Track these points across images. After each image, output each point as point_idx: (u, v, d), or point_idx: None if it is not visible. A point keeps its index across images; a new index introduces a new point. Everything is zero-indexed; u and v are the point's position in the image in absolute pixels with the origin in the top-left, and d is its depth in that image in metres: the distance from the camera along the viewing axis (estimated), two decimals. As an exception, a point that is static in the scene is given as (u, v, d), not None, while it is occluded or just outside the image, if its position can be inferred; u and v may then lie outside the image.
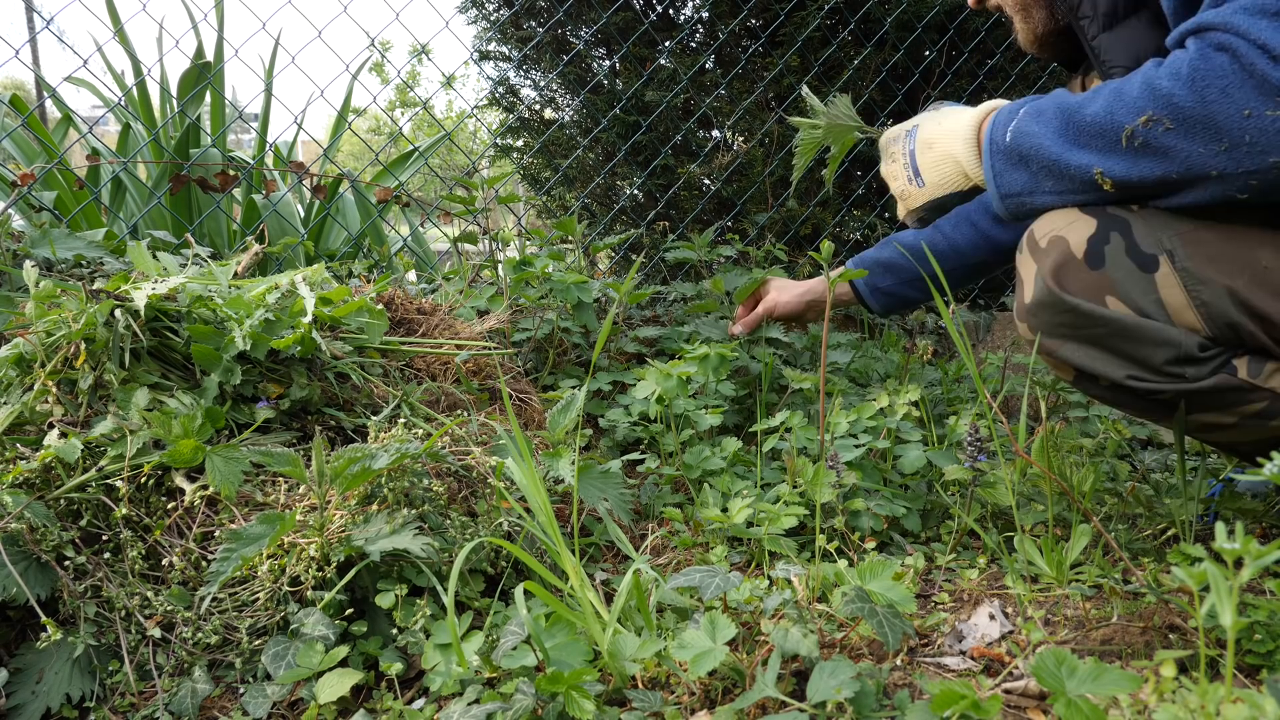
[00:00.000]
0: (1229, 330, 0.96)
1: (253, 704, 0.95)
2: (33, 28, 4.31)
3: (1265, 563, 0.59)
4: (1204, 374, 0.97)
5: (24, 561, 0.99)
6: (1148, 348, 0.98)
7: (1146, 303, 0.97)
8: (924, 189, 1.16)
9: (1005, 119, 1.06)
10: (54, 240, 1.62)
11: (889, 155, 1.22)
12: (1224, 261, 0.95)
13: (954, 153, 1.13)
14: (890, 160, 1.21)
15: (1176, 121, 0.89)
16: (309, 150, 8.37)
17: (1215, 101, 0.86)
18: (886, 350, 2.13)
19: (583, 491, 1.27)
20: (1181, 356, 0.97)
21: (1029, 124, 1.02)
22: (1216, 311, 0.95)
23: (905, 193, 1.19)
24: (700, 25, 2.98)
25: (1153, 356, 0.98)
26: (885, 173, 1.23)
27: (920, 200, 1.17)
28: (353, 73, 2.66)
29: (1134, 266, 0.98)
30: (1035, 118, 1.02)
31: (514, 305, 1.95)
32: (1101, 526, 1.04)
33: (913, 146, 1.17)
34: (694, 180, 2.87)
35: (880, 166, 1.26)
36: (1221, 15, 0.87)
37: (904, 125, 1.22)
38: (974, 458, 1.22)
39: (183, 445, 1.08)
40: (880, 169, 1.26)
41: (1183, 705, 0.70)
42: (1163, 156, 0.91)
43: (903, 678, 0.94)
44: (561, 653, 0.91)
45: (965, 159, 1.12)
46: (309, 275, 1.46)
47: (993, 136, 1.06)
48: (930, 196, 1.16)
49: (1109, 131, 0.94)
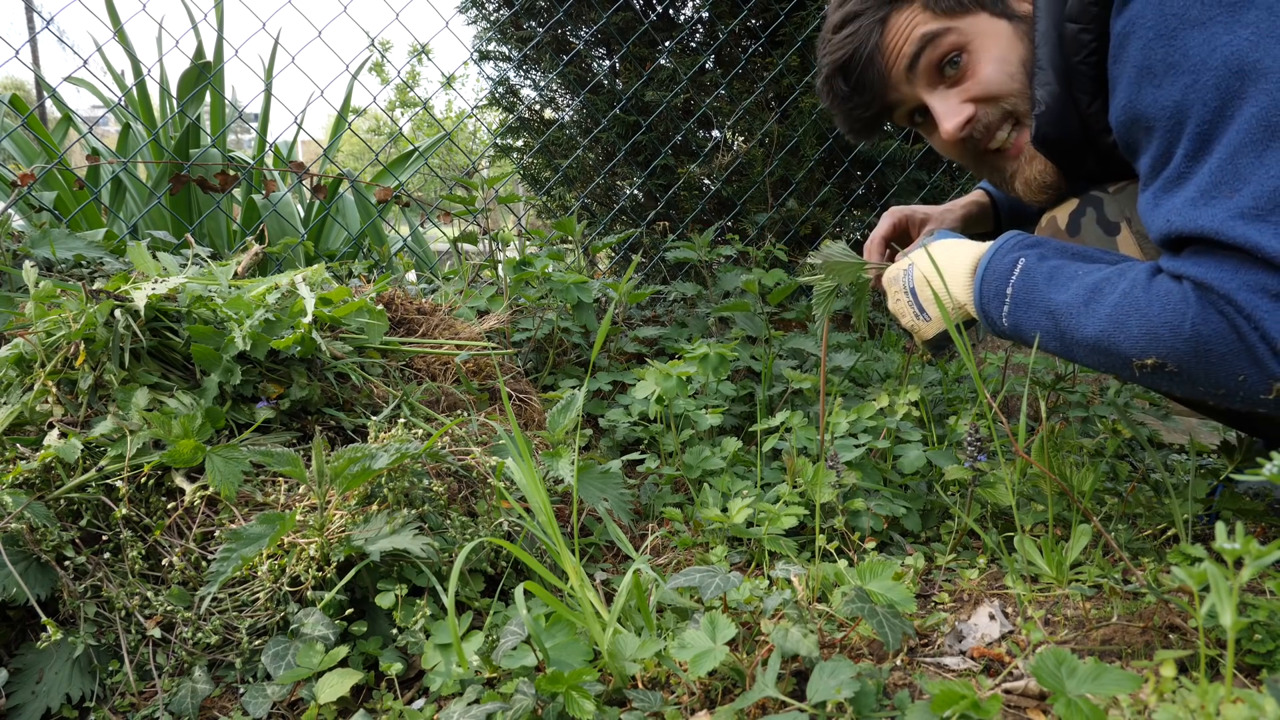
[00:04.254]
0: None
1: (253, 704, 0.95)
2: (33, 28, 4.31)
3: (1265, 563, 0.59)
4: None
5: (24, 561, 0.99)
6: None
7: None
8: (931, 323, 1.18)
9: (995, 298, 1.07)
10: (54, 240, 1.62)
11: (892, 294, 1.24)
12: None
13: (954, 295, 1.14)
14: (894, 299, 1.23)
15: (1180, 368, 0.91)
16: (309, 150, 8.37)
17: (1216, 365, 0.88)
18: (886, 350, 2.13)
19: (583, 491, 1.27)
20: None
21: (1023, 321, 1.04)
22: None
23: (915, 327, 1.21)
24: (700, 25, 2.98)
25: None
26: (892, 309, 1.25)
27: (931, 333, 1.19)
28: (353, 73, 2.66)
29: (1101, 232, 1.14)
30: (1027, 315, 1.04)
31: (514, 305, 1.95)
32: (1101, 526, 1.04)
33: (911, 285, 1.19)
34: (694, 180, 2.87)
35: (887, 302, 1.28)
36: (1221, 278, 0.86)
37: (900, 264, 1.23)
38: (974, 458, 1.22)
39: (183, 445, 1.08)
40: (887, 304, 1.29)
41: (1183, 705, 0.70)
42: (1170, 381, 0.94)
43: (903, 678, 0.94)
44: (561, 653, 0.91)
45: (967, 303, 1.13)
46: (309, 275, 1.46)
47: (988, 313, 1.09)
48: (937, 330, 1.18)
49: (1113, 356, 0.96)
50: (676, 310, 2.37)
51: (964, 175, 2.87)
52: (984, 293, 1.09)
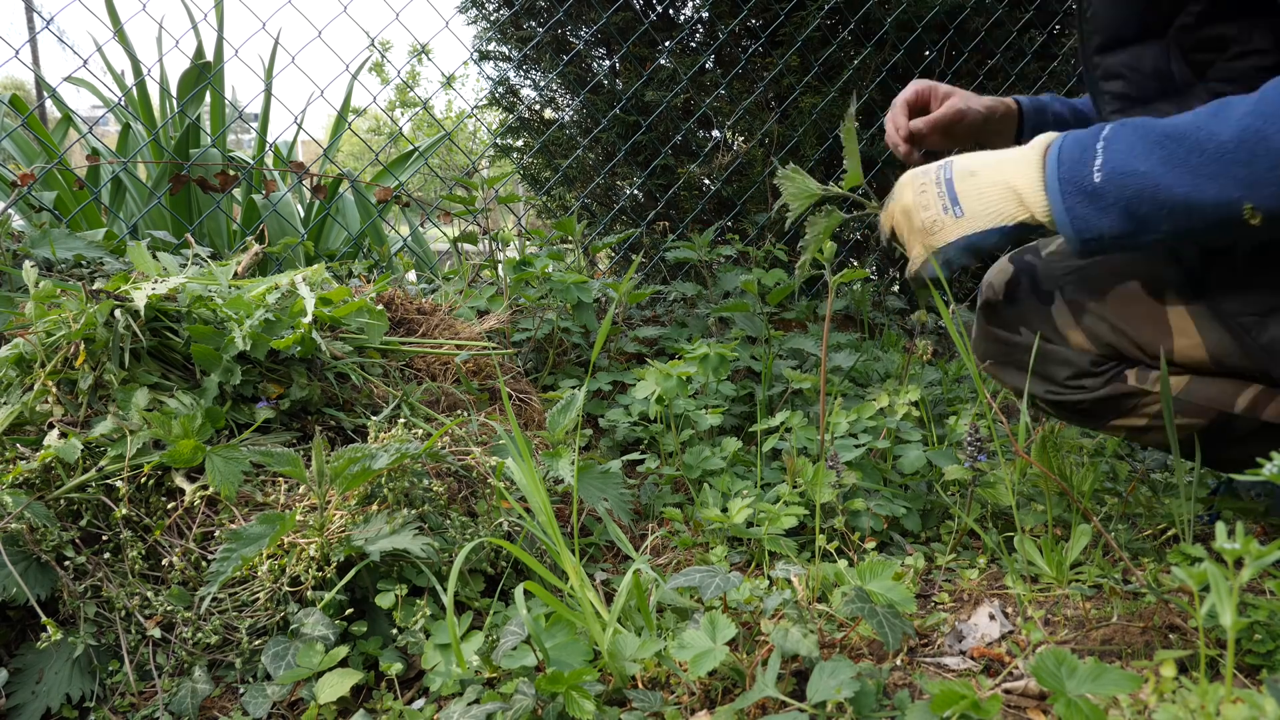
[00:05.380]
0: (1110, 348, 1.10)
1: (253, 704, 0.95)
2: (33, 28, 4.31)
3: (1265, 563, 0.59)
4: (1100, 385, 1.12)
5: (24, 561, 0.99)
6: (1054, 366, 1.13)
7: (1048, 330, 1.12)
8: (961, 220, 0.98)
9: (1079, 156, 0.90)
10: (54, 240, 1.62)
11: (915, 187, 1.04)
12: (1098, 293, 1.09)
13: (1008, 179, 0.95)
14: (918, 191, 1.03)
15: None
16: (309, 150, 8.37)
17: None
18: (886, 350, 2.13)
19: (583, 491, 1.27)
20: (1079, 372, 1.12)
21: (1127, 162, 0.87)
22: (1097, 333, 1.09)
23: (935, 224, 1.00)
24: (700, 25, 2.98)
25: (1058, 374, 1.13)
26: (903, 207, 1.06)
27: (954, 234, 0.99)
28: (353, 73, 2.66)
29: (1037, 302, 1.13)
30: (1132, 152, 0.87)
31: (514, 305, 1.95)
32: (1101, 526, 1.04)
33: (949, 175, 1.00)
34: (694, 180, 2.87)
35: (888, 205, 1.09)
36: None
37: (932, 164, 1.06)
38: (974, 458, 1.22)
39: (183, 445, 1.08)
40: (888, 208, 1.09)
41: (1183, 705, 0.70)
42: None
43: (903, 678, 0.94)
44: (561, 653, 0.91)
45: (1025, 186, 0.94)
46: (309, 275, 1.46)
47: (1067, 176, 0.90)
48: (968, 229, 0.98)
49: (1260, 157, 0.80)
50: (676, 310, 2.37)
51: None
52: (1064, 157, 0.91)
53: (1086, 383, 1.12)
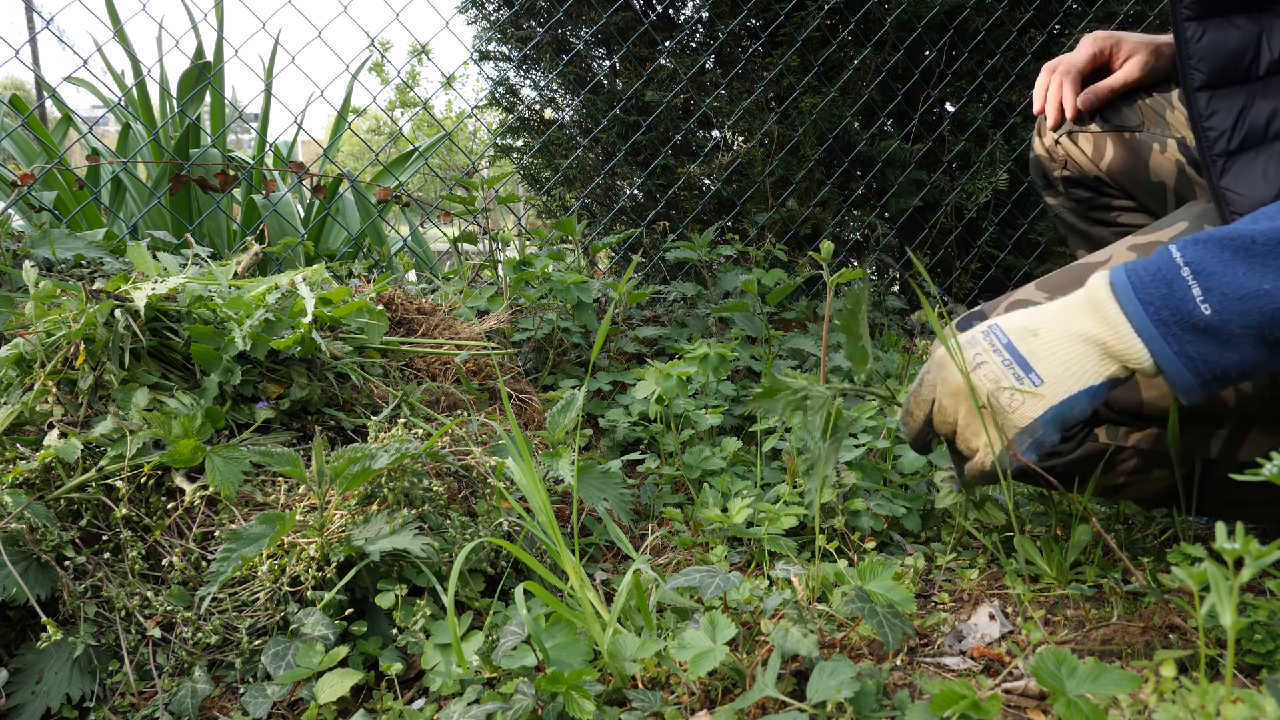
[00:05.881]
0: None
1: (253, 704, 0.95)
2: (33, 28, 4.31)
3: (1265, 563, 0.60)
4: (1072, 448, 1.00)
5: (24, 561, 0.99)
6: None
7: None
8: (1042, 388, 0.83)
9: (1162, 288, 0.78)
10: (54, 240, 1.62)
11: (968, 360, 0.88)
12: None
13: (1082, 330, 0.83)
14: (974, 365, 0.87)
15: None
16: (309, 150, 8.37)
17: None
18: (886, 350, 2.13)
19: (583, 491, 1.27)
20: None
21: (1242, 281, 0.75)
22: None
23: (1012, 404, 0.85)
24: (700, 25, 2.98)
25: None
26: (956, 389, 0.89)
27: (1041, 408, 0.84)
28: (353, 73, 2.66)
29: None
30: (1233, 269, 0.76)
31: (514, 305, 1.95)
32: (1101, 527, 1.04)
33: (1006, 340, 0.86)
34: (694, 180, 2.87)
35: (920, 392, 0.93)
36: None
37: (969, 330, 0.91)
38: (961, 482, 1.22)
39: (183, 445, 1.08)
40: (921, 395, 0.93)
41: (1183, 705, 0.70)
42: None
43: (903, 678, 0.94)
44: (561, 653, 0.91)
45: (1108, 336, 0.81)
46: (309, 275, 1.46)
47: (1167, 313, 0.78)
48: (1057, 399, 0.83)
49: None
50: (676, 310, 2.37)
51: (963, 175, 2.88)
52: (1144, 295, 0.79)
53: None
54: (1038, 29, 2.84)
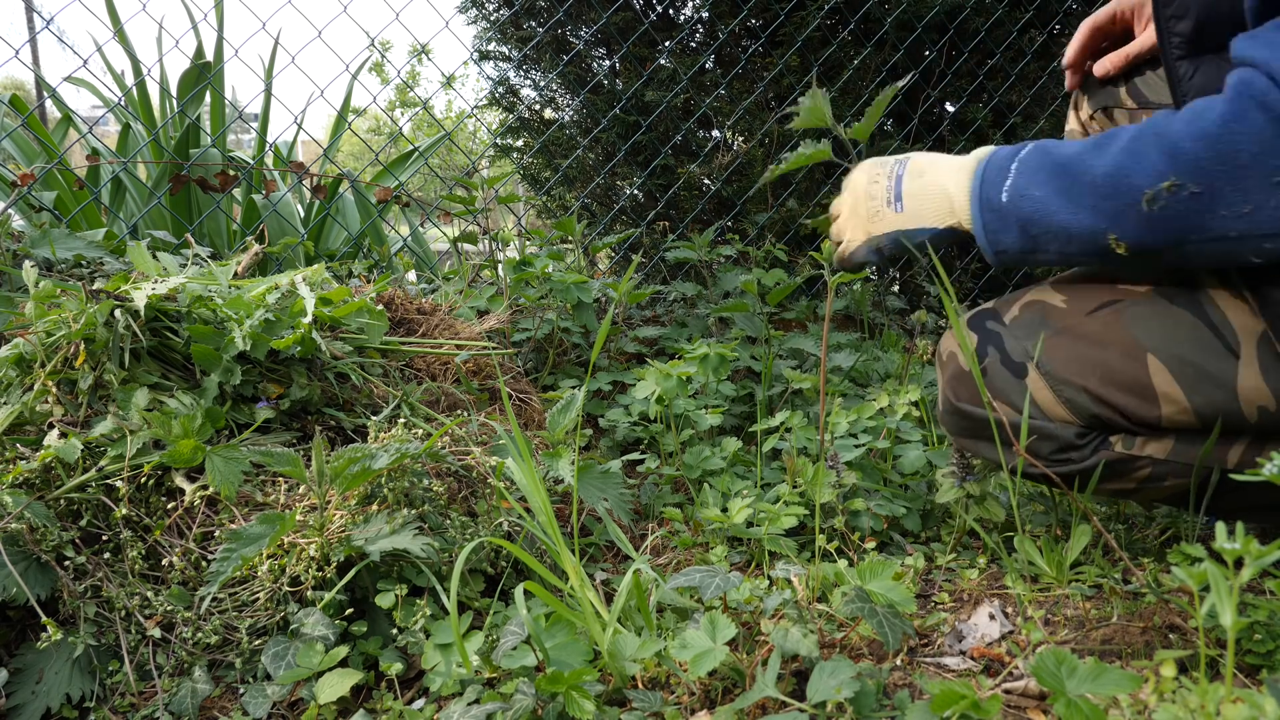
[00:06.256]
0: (1095, 419, 1.03)
1: (253, 704, 0.95)
2: (33, 28, 4.31)
3: (1265, 563, 0.60)
4: (1086, 456, 1.05)
5: (24, 561, 0.99)
6: (1035, 442, 1.06)
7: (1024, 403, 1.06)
8: (899, 215, 1.07)
9: (997, 174, 0.99)
10: (54, 240, 1.62)
11: (870, 176, 1.12)
12: (1076, 364, 1.03)
13: (945, 185, 1.04)
14: (870, 181, 1.11)
15: (1203, 186, 0.83)
16: (309, 150, 8.37)
17: (1247, 166, 0.81)
18: (886, 350, 2.13)
19: (583, 491, 1.27)
20: (1063, 446, 1.06)
21: (1027, 186, 0.95)
22: (1079, 406, 1.03)
23: (876, 214, 1.09)
24: (700, 25, 2.98)
25: (1040, 449, 1.07)
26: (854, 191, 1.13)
27: (888, 227, 1.08)
28: (353, 73, 2.66)
29: (1009, 374, 1.07)
30: (1032, 177, 0.95)
31: (514, 305, 1.96)
32: (1101, 526, 1.04)
33: (902, 171, 1.09)
34: (694, 180, 2.87)
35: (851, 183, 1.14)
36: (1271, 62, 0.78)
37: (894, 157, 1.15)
38: (960, 479, 1.23)
39: (183, 445, 1.08)
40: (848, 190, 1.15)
41: (1183, 705, 0.70)
42: (1183, 220, 0.86)
43: (903, 678, 0.94)
44: (561, 653, 0.91)
45: (957, 195, 1.03)
46: (309, 275, 1.46)
47: (984, 192, 0.99)
48: (901, 225, 1.07)
49: (1123, 194, 0.87)
50: (676, 310, 2.37)
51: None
52: (987, 174, 0.99)
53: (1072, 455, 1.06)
54: (1038, 29, 2.84)
